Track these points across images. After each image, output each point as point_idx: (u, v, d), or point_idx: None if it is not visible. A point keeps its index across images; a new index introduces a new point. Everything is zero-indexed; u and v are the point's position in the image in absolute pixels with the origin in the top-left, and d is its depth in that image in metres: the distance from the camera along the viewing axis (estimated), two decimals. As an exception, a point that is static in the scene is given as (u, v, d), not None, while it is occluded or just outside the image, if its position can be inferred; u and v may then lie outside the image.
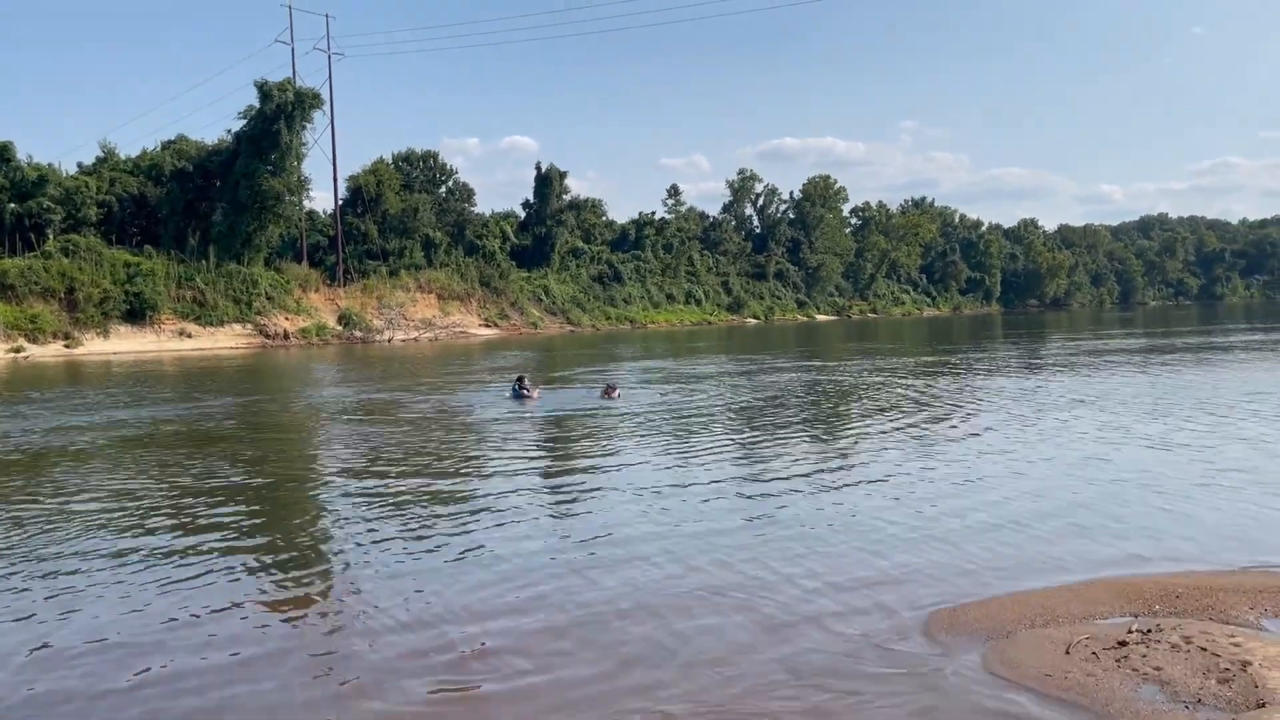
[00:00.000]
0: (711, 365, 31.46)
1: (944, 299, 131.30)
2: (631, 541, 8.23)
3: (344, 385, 27.23)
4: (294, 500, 10.78)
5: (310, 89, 60.34)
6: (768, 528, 8.64)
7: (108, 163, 64.38)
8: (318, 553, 8.36)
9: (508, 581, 7.20)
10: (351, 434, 15.78)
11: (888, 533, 8.33)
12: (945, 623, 6.01)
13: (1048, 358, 31.09)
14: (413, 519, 9.31)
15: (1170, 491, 9.65)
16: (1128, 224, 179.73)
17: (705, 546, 8.01)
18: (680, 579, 7.16)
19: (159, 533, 9.02)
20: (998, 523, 8.57)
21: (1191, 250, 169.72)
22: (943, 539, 8.08)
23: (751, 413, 16.98)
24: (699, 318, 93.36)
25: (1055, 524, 8.49)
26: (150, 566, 7.86)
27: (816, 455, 12.56)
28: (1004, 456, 11.95)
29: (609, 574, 7.33)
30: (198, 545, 8.49)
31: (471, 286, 71.84)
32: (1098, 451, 12.17)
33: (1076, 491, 9.81)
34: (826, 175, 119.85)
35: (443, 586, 7.12)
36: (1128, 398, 18.01)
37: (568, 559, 7.79)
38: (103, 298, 50.47)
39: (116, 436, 16.00)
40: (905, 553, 7.71)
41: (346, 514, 9.75)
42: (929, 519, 8.78)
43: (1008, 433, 13.90)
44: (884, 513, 9.09)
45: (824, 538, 8.22)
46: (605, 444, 13.95)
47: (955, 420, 15.32)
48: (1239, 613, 6.01)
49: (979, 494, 9.81)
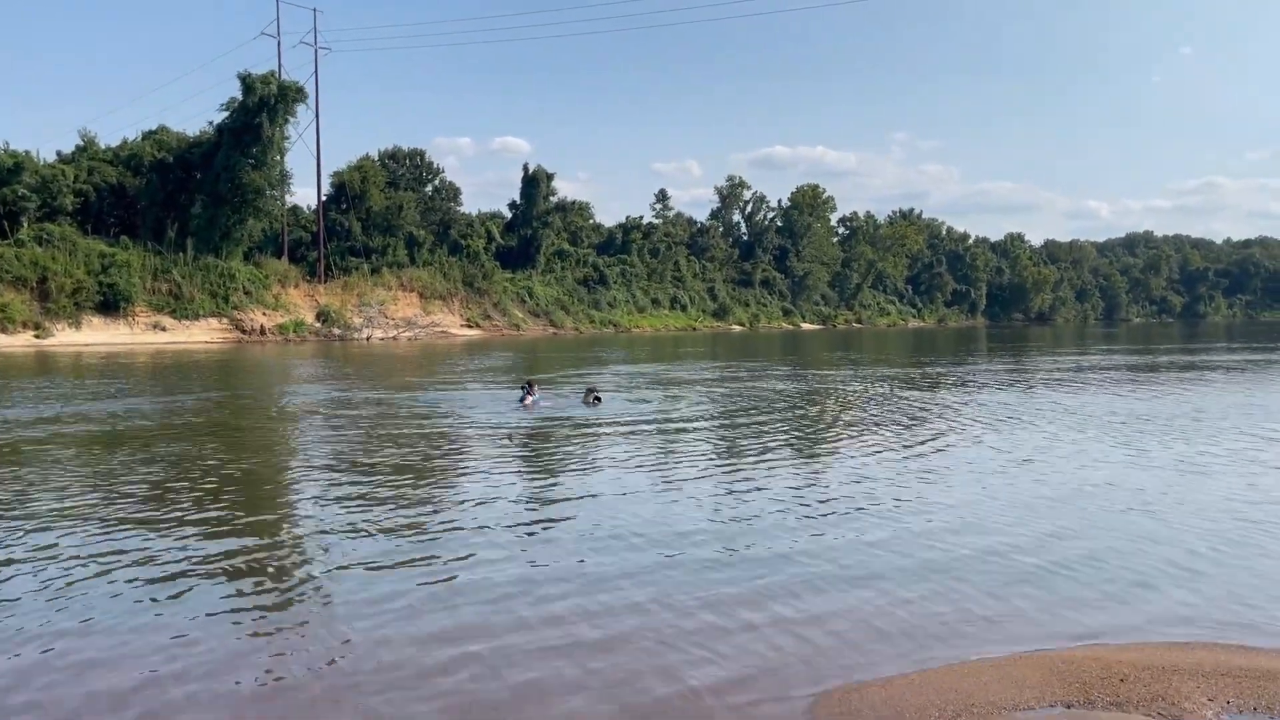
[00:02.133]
0: (694, 373, 31.00)
1: (929, 310, 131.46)
2: (549, 581, 7.25)
3: (312, 384, 26.62)
4: (256, 503, 10.10)
5: (294, 82, 59.72)
6: (675, 567, 7.51)
7: (87, 152, 63.52)
8: (271, 563, 7.73)
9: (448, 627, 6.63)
10: (316, 438, 15.16)
11: (819, 571, 7.26)
12: (836, 709, 4.90)
13: (1030, 374, 30.78)
14: (375, 540, 8.37)
15: (1142, 534, 8.54)
16: (1113, 240, 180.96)
17: (601, 589, 6.90)
18: (557, 627, 6.09)
19: (111, 535, 8.45)
20: (938, 568, 7.39)
21: (1176, 268, 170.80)
22: (872, 585, 6.93)
23: (725, 429, 16.46)
24: (684, 324, 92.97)
25: (1000, 572, 7.29)
26: (104, 571, 7.31)
27: (773, 477, 11.85)
28: (963, 484, 10.89)
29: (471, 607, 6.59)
30: (150, 550, 7.94)
31: (454, 286, 71.26)
32: (1066, 479, 11.16)
33: (1031, 530, 8.62)
34: (815, 184, 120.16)
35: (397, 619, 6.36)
36: (1108, 417, 17.60)
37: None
38: (75, 288, 49.66)
39: (73, 432, 15.32)
40: (827, 601, 6.57)
41: (304, 523, 9.22)
42: (863, 560, 7.65)
43: (974, 456, 13.01)
44: (825, 549, 7.94)
45: (739, 581, 7.05)
46: (578, 459, 13.41)
47: (924, 438, 14.74)
48: (1194, 705, 4.88)
49: (923, 529, 8.69)
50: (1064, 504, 9.86)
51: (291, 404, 20.41)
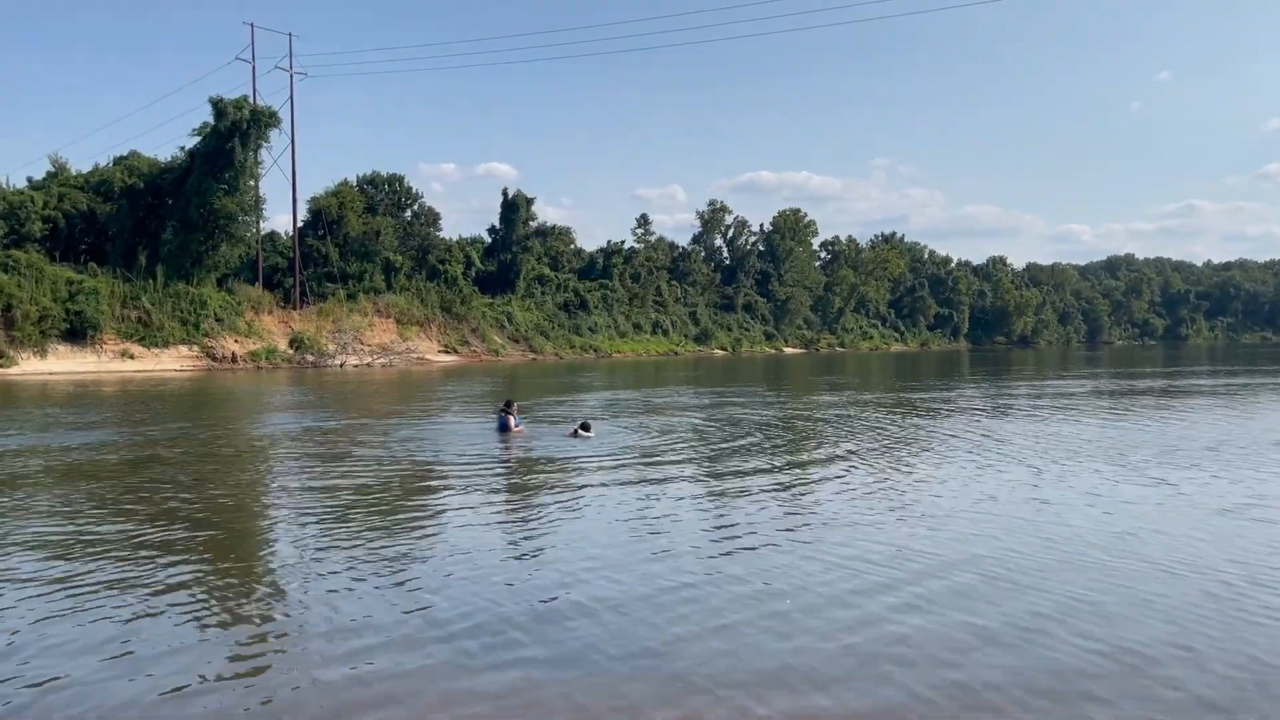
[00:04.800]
0: (677, 400, 30.07)
1: (912, 334, 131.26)
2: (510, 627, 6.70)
3: (280, 413, 25.53)
4: (229, 540, 9.50)
5: (267, 107, 58.87)
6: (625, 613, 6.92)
7: (58, 178, 62.37)
8: (249, 599, 7.41)
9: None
10: (283, 472, 14.20)
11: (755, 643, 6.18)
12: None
13: (1015, 399, 30.03)
14: (355, 574, 7.96)
15: (1121, 591, 7.28)
16: (1095, 264, 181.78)
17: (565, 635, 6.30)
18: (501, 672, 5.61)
19: (83, 567, 8.17)
20: (872, 650, 6.04)
21: (1157, 291, 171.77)
22: (807, 658, 5.90)
23: (711, 460, 15.47)
24: (666, 348, 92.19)
25: (932, 672, 5.70)
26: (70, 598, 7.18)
27: (745, 511, 10.99)
28: (943, 527, 9.72)
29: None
30: (121, 580, 7.73)
31: (431, 312, 70.24)
32: (1042, 526, 9.68)
33: (989, 606, 6.97)
34: (797, 209, 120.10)
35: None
36: (1097, 446, 16.78)
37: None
38: (41, 315, 48.37)
39: (40, 465, 14.49)
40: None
41: (273, 561, 8.72)
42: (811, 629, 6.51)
43: (952, 491, 11.84)
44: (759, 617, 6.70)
45: (673, 650, 6.08)
46: (559, 495, 12.33)
47: (901, 470, 13.76)
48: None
49: (881, 584, 7.53)
50: (1059, 566, 8.93)
51: (260, 435, 19.56)
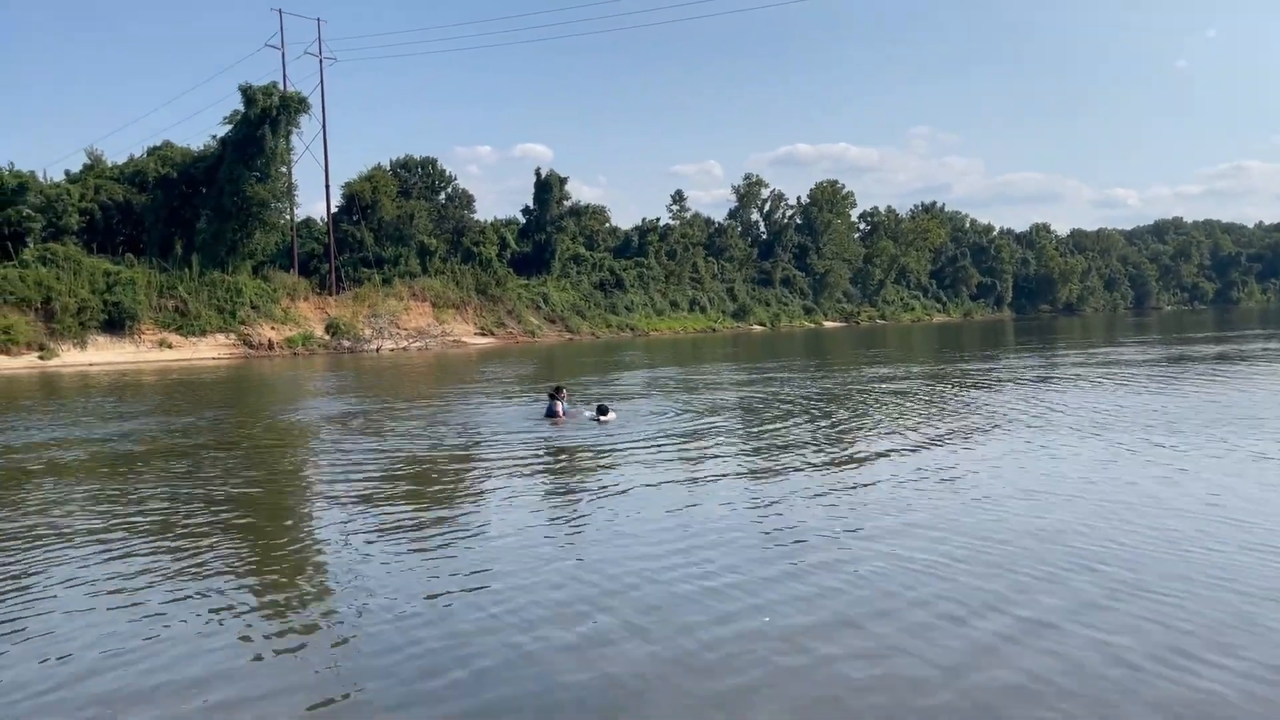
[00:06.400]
0: (719, 376, 29.24)
1: (954, 305, 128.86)
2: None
3: (321, 399, 25.13)
4: (275, 526, 9.76)
5: (296, 93, 58.50)
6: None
7: (94, 170, 62.78)
8: (300, 582, 7.63)
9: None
10: (325, 458, 14.14)
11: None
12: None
13: (1078, 368, 28.78)
14: (403, 562, 8.05)
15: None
16: (1142, 228, 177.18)
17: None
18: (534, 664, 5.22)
19: (131, 556, 8.41)
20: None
21: (1207, 254, 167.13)
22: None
23: (752, 446, 14.68)
24: (703, 325, 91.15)
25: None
26: (119, 591, 7.33)
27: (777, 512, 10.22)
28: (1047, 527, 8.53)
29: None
30: (171, 568, 7.97)
31: (467, 294, 69.82)
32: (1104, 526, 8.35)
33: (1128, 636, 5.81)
34: (834, 180, 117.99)
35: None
36: (1155, 420, 15.69)
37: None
38: (80, 307, 48.53)
39: (88, 454, 14.79)
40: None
41: (333, 545, 8.86)
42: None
43: (999, 487, 10.35)
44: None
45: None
46: (608, 479, 11.67)
47: (946, 455, 12.83)
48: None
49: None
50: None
51: (301, 420, 19.65)
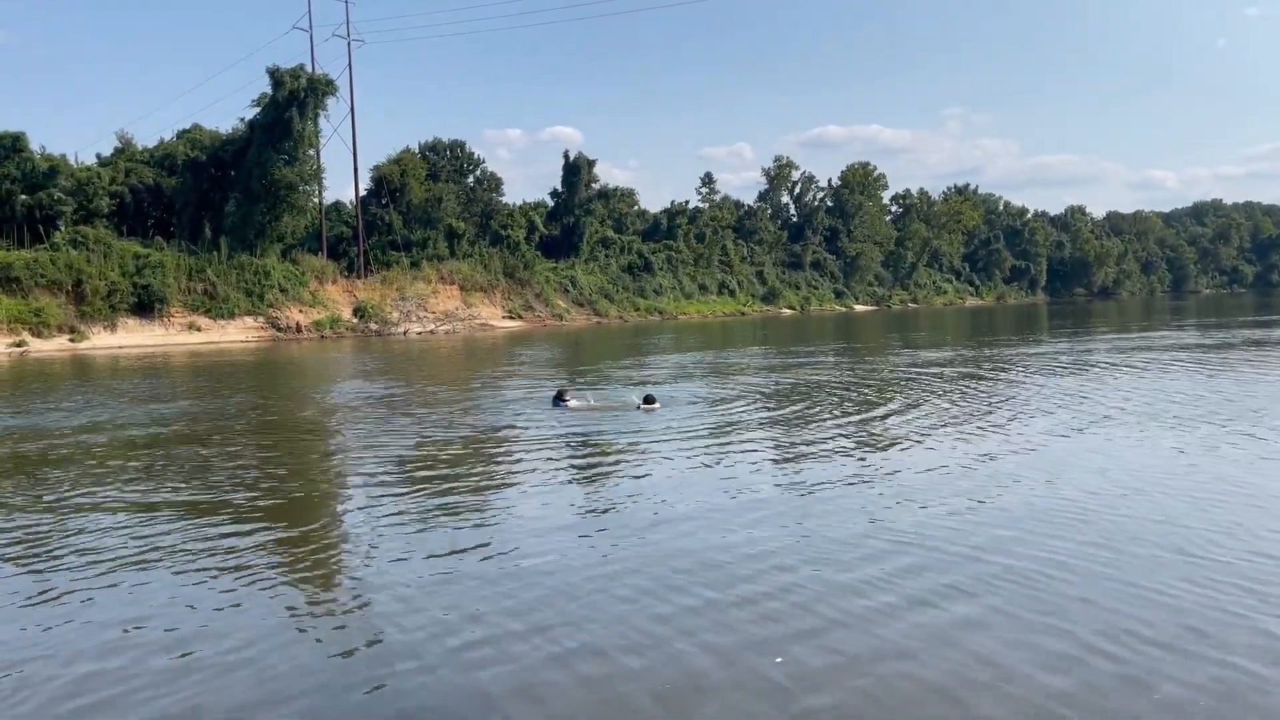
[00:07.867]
0: (750, 360, 28.67)
1: (987, 288, 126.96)
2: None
3: (352, 381, 24.85)
4: (305, 508, 10.00)
5: (324, 75, 58.23)
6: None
7: (124, 154, 63.04)
8: (331, 559, 7.95)
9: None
10: (357, 441, 14.28)
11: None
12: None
13: (1106, 358, 27.88)
14: (434, 539, 8.28)
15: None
16: (1180, 210, 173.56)
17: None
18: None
19: (169, 533, 8.68)
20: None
21: (1247, 237, 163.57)
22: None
23: (781, 436, 14.16)
24: (732, 309, 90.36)
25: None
26: (162, 566, 7.64)
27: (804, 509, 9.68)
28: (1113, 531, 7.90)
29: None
30: (207, 548, 8.14)
31: (495, 278, 69.50)
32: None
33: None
34: (865, 162, 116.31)
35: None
36: (1194, 414, 14.93)
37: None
38: (110, 290, 48.72)
39: (122, 436, 15.02)
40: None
41: (360, 523, 9.09)
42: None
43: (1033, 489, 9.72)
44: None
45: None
46: (633, 465, 11.33)
47: (983, 448, 12.25)
48: None
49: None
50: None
51: (334, 402, 19.92)
